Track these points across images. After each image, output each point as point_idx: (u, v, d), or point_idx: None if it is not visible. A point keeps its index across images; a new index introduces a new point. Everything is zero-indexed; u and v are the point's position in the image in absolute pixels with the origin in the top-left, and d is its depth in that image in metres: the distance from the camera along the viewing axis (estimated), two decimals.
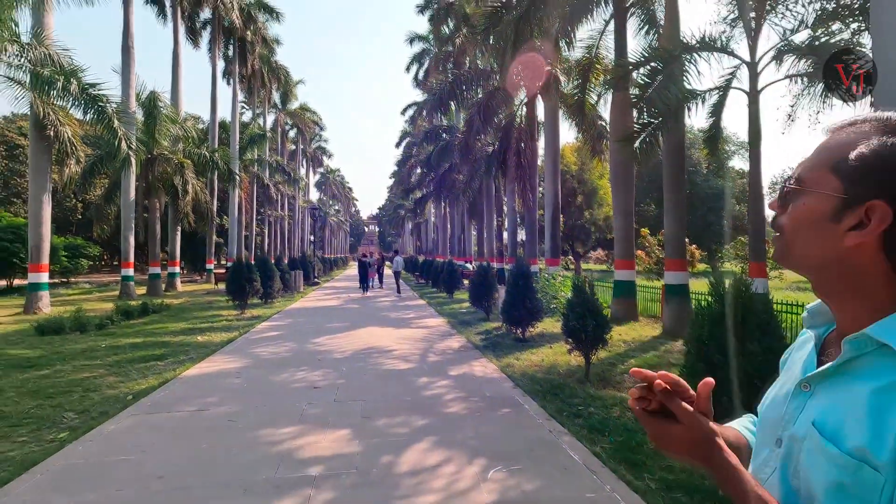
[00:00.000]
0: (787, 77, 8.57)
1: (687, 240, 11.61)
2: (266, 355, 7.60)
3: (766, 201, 7.82)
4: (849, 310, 0.68)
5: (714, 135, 10.17)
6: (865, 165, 0.63)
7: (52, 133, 13.14)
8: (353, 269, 42.10)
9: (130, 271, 17.39)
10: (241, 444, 4.02)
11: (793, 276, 23.80)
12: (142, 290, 18.49)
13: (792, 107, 11.45)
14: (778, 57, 8.33)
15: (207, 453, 3.87)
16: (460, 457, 3.76)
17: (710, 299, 4.32)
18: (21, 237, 17.97)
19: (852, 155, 0.64)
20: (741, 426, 0.91)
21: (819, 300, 0.78)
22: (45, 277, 13.22)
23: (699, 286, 10.60)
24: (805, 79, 8.55)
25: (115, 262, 35.85)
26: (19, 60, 11.84)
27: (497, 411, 4.88)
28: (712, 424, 0.69)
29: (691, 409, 0.68)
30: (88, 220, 26.29)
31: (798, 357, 0.80)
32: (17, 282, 20.20)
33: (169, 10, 21.28)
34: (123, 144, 13.56)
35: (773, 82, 8.54)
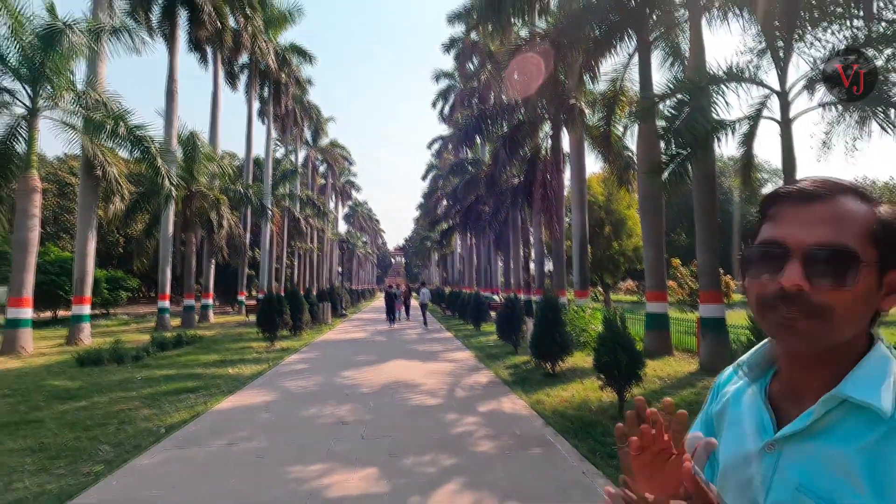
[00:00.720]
0: (820, 105, 8.41)
1: (721, 270, 11.26)
2: (294, 389, 7.63)
3: None
4: (827, 369, 0.68)
5: (746, 164, 9.99)
6: (892, 233, 0.66)
7: (100, 172, 13.94)
8: (379, 301, 42.27)
9: (166, 303, 17.95)
10: (270, 481, 4.00)
11: None
12: (176, 322, 19.00)
13: (827, 134, 11.21)
14: (809, 86, 8.20)
15: (236, 490, 3.87)
16: (490, 499, 3.63)
17: (749, 334, 4.15)
18: (67, 270, 18.88)
19: (878, 225, 0.66)
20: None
21: (754, 351, 0.79)
22: (87, 309, 13.77)
23: (736, 318, 10.21)
24: (840, 107, 8.37)
25: (152, 294, 37.10)
26: (74, 107, 12.73)
27: (528, 450, 4.73)
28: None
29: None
30: (129, 253, 27.45)
31: (742, 412, 0.78)
32: (60, 313, 21.12)
33: (210, 57, 22.65)
34: (166, 182, 14.23)
35: (805, 111, 8.38)
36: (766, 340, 0.80)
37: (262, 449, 4.80)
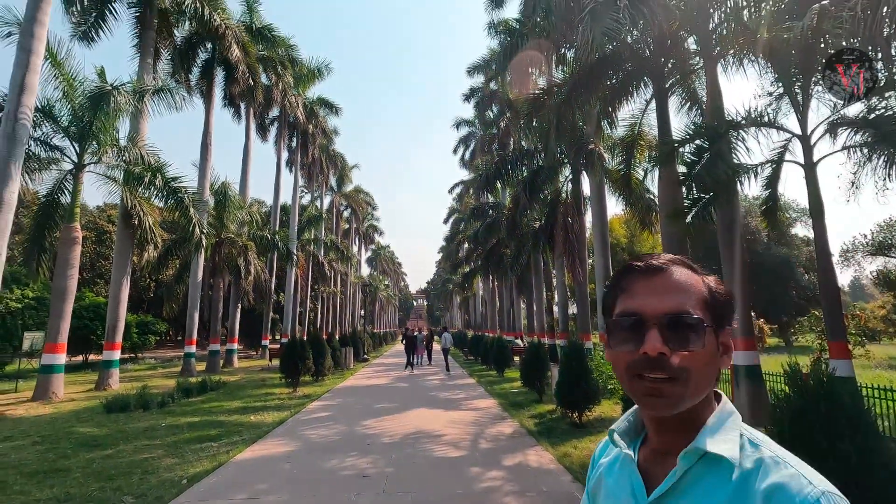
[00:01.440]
0: (844, 149, 8.33)
1: (753, 313, 10.89)
2: (316, 438, 7.54)
3: (838, 271, 7.32)
4: (689, 430, 0.71)
5: (771, 207, 9.83)
6: (718, 299, 0.74)
7: (136, 222, 14.61)
8: (401, 345, 41.96)
9: (193, 348, 18.21)
10: None
11: (882, 353, 21.45)
12: (201, 366, 19.18)
13: (854, 174, 11.00)
14: (831, 130, 8.16)
15: None
16: None
17: (786, 389, 3.96)
18: (100, 315, 19.47)
19: (709, 292, 0.74)
20: None
21: (625, 418, 0.82)
22: (117, 355, 14.07)
23: (771, 364, 9.77)
24: (865, 149, 8.26)
25: (179, 338, 37.73)
26: (116, 161, 13.54)
27: None
28: None
29: None
30: (159, 298, 28.19)
31: (616, 483, 0.80)
32: (91, 356, 21.60)
33: (243, 111, 23.96)
34: (197, 230, 14.79)
35: (829, 154, 8.30)
36: (635, 406, 0.82)
37: (283, 503, 4.72)
